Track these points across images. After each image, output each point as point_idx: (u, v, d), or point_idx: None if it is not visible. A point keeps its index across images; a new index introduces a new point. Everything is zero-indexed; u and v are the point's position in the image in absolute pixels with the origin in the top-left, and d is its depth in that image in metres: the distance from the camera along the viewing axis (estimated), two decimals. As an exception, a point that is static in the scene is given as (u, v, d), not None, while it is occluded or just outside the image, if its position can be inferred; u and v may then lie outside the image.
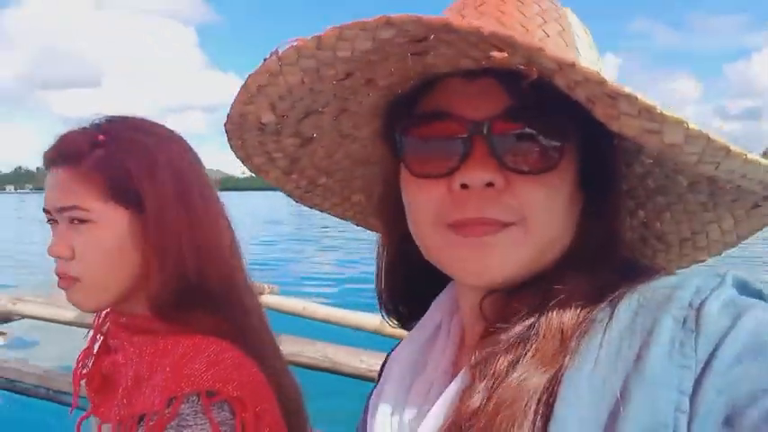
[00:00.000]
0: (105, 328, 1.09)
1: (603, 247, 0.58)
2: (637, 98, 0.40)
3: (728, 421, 0.41)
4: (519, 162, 0.55)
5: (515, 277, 0.57)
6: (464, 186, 0.55)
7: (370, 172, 0.78)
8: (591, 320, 0.51)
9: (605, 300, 0.52)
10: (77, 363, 1.12)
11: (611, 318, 0.50)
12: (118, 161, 0.96)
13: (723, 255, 0.68)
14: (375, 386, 0.77)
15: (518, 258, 0.56)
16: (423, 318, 0.75)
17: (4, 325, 5.30)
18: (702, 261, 0.69)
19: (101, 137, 0.97)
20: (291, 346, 3.03)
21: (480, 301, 0.60)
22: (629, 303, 0.51)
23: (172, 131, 1.07)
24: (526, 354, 0.51)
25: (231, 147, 0.69)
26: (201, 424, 0.84)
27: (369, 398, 0.75)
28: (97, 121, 1.01)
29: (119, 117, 1.04)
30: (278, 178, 0.75)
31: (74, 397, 1.12)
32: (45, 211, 1.00)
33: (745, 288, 0.49)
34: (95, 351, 1.11)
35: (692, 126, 0.41)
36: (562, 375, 0.49)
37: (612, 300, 0.52)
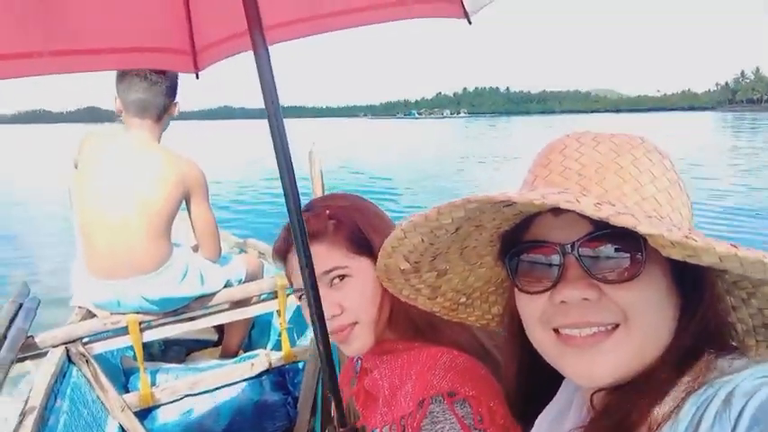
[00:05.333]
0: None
1: (698, 342, 0.65)
2: (663, 236, 0.51)
3: None
4: (606, 273, 0.66)
5: (620, 377, 0.66)
6: (563, 302, 0.68)
7: (501, 288, 0.94)
8: (672, 413, 0.59)
9: (689, 394, 0.60)
10: (343, 384, 1.39)
11: (681, 408, 0.59)
12: (349, 222, 1.20)
13: None
14: None
15: (622, 361, 0.66)
16: (558, 392, 0.85)
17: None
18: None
19: (328, 212, 1.21)
20: None
21: (591, 396, 0.70)
22: (700, 395, 0.58)
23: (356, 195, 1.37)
24: None
25: (384, 284, 0.90)
26: (450, 420, 1.02)
27: None
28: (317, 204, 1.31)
29: (329, 198, 1.32)
30: (425, 303, 0.94)
31: (343, 413, 1.34)
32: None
33: None
34: (357, 373, 1.37)
35: (719, 249, 0.51)
36: None
37: (692, 393, 0.59)
